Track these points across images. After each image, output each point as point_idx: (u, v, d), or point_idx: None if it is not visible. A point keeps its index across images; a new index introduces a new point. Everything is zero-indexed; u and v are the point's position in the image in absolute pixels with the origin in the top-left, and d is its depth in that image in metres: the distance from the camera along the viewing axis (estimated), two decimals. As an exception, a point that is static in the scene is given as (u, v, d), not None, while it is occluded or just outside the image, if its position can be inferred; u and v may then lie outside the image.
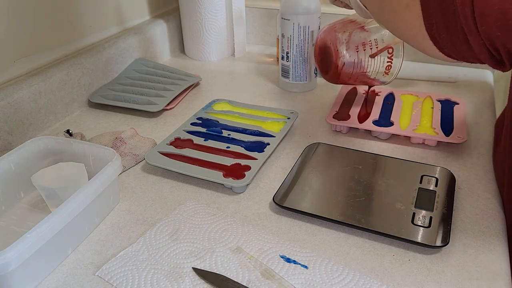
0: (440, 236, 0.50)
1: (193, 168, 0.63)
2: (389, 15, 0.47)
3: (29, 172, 0.58)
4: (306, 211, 0.55)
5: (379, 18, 0.52)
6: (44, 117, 0.77)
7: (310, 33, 0.84)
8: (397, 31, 0.48)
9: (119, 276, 0.48)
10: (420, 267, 0.48)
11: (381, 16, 0.51)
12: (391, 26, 0.49)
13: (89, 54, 0.86)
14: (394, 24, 0.48)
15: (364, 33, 0.74)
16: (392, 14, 0.46)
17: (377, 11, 0.51)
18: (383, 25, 0.51)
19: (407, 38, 0.47)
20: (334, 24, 0.77)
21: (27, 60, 0.76)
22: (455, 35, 0.39)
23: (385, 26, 0.51)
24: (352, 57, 0.74)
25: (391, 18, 0.47)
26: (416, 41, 0.45)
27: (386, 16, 0.48)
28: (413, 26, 0.43)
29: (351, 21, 0.76)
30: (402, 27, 0.46)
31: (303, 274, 0.47)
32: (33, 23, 0.76)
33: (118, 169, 0.56)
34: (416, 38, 0.44)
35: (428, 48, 0.44)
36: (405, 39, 0.47)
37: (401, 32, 0.47)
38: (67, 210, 0.48)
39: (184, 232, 0.53)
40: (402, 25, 0.45)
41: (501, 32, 0.35)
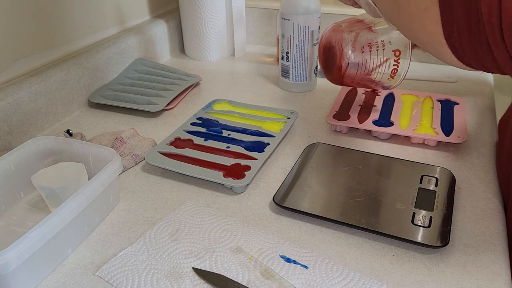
0: (440, 236, 0.50)
1: (193, 168, 0.63)
2: (404, 17, 0.44)
3: (29, 172, 0.57)
4: (306, 211, 0.55)
5: (391, 19, 0.49)
6: (44, 117, 0.77)
7: (310, 33, 0.84)
8: (412, 34, 0.45)
9: (119, 276, 0.48)
10: (420, 267, 0.48)
11: (394, 17, 0.47)
12: (405, 29, 0.46)
13: (89, 54, 0.86)
14: (409, 27, 0.44)
15: (372, 33, 0.71)
16: (408, 16, 0.43)
17: (390, 11, 0.48)
18: (395, 26, 0.48)
19: (422, 43, 0.44)
20: (340, 23, 0.74)
21: (27, 60, 0.76)
22: (478, 45, 0.36)
23: (397, 27, 0.48)
24: (357, 58, 0.71)
25: (406, 21, 0.44)
26: (432, 47, 0.42)
27: (401, 17, 0.45)
28: (430, 31, 0.40)
29: (359, 20, 0.73)
30: (418, 32, 0.43)
31: (303, 274, 0.47)
32: (33, 23, 0.76)
33: (118, 169, 0.56)
34: (433, 44, 0.41)
35: (445, 56, 0.41)
36: (420, 43, 0.45)
37: (416, 36, 0.44)
38: (67, 210, 0.48)
39: (184, 232, 0.53)
40: (419, 29, 0.42)
41: None
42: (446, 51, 0.40)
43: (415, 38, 0.45)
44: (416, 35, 0.44)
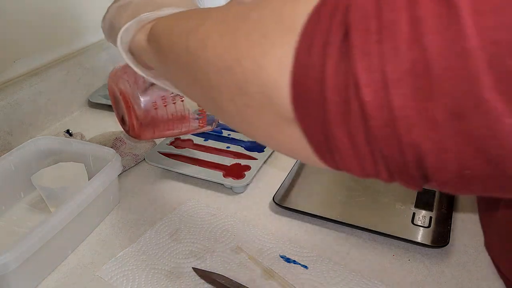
0: (440, 236, 0.50)
1: (193, 168, 0.63)
2: (236, 122, 0.32)
3: (29, 172, 0.57)
4: (306, 211, 0.54)
5: (218, 117, 0.37)
6: (44, 117, 0.77)
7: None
8: (264, 144, 0.34)
9: (119, 276, 0.48)
10: (420, 267, 0.48)
11: (213, 112, 0.35)
12: (240, 130, 0.34)
13: (89, 54, 0.86)
14: (247, 133, 0.33)
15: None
16: (245, 124, 0.32)
17: (199, 101, 0.37)
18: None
19: (277, 151, 0.33)
20: (123, 66, 0.55)
21: (27, 60, 0.76)
22: (370, 168, 0.27)
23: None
24: (149, 116, 0.52)
25: (241, 125, 0.33)
26: (300, 159, 0.31)
27: (227, 119, 0.33)
28: (291, 148, 0.30)
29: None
30: (273, 146, 0.32)
31: (303, 274, 0.47)
32: (33, 23, 0.76)
33: (118, 169, 0.56)
34: (300, 158, 0.30)
35: (318, 165, 0.30)
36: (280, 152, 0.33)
37: (272, 147, 0.32)
38: (67, 210, 0.48)
39: (184, 232, 0.53)
40: (269, 141, 0.32)
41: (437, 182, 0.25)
42: (318, 163, 0.30)
43: (268, 146, 0.34)
44: (268, 145, 0.33)
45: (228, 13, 0.31)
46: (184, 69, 0.35)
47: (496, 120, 0.20)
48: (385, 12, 0.22)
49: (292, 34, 0.25)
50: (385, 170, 0.26)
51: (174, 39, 0.35)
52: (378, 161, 0.25)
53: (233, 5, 0.32)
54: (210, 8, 0.36)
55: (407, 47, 0.21)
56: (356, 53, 0.22)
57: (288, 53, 0.25)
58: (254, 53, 0.27)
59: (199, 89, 0.34)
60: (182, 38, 0.34)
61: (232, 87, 0.29)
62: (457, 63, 0.20)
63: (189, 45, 0.33)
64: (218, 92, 0.31)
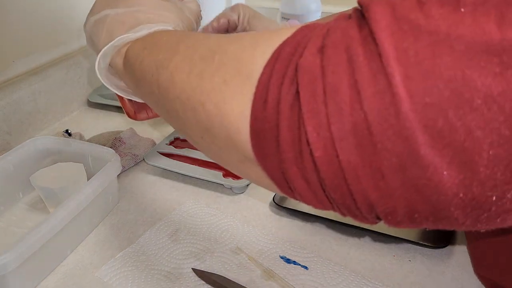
0: (440, 236, 0.50)
1: (192, 168, 0.62)
2: (206, 152, 0.35)
3: (28, 173, 0.57)
4: (306, 212, 0.54)
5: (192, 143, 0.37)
6: (43, 117, 0.76)
7: (310, 32, 0.84)
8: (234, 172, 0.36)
9: (119, 277, 0.47)
10: (421, 267, 0.48)
11: (194, 144, 0.36)
12: (219, 163, 0.35)
13: (88, 54, 0.85)
14: (225, 166, 0.35)
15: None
16: (215, 156, 0.34)
17: (174, 127, 0.39)
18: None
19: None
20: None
21: (26, 60, 0.76)
22: (328, 206, 0.28)
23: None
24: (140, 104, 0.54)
25: (212, 156, 0.34)
26: (260, 185, 0.33)
27: (199, 147, 0.35)
28: (259, 182, 0.31)
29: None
30: (242, 175, 0.34)
31: (303, 275, 0.47)
32: (32, 22, 0.75)
33: (117, 169, 0.56)
34: (267, 188, 0.32)
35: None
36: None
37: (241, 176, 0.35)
38: (66, 210, 0.48)
39: (183, 232, 0.53)
40: (241, 174, 0.34)
41: (389, 225, 0.26)
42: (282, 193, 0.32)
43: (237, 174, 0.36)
44: (237, 174, 0.35)
45: (196, 52, 0.32)
46: (157, 100, 0.36)
47: (434, 172, 0.22)
48: (328, 74, 0.23)
49: (249, 84, 0.27)
50: (341, 212, 0.28)
51: (146, 70, 0.36)
52: (333, 204, 0.27)
53: (202, 41, 0.33)
54: (180, 37, 0.37)
55: (349, 109, 0.23)
56: (306, 112, 0.24)
57: (247, 104, 0.27)
58: (216, 99, 0.29)
59: (173, 121, 0.36)
60: (153, 71, 0.35)
61: (200, 126, 0.31)
62: (394, 124, 0.22)
63: (160, 79, 0.34)
64: (189, 127, 0.33)
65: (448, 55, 0.21)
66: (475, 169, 0.21)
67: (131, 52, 0.40)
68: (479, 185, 0.22)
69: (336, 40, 0.24)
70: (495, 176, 0.21)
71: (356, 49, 0.23)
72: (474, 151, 0.21)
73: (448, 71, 0.21)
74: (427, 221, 0.25)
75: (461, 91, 0.20)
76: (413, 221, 0.25)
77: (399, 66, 0.21)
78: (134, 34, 0.41)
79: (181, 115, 0.33)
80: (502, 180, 0.21)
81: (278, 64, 0.26)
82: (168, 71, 0.33)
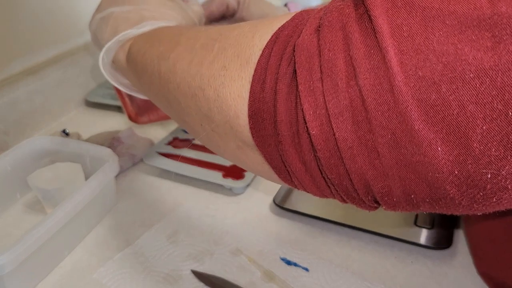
0: (443, 237, 0.49)
1: (191, 169, 0.62)
2: (205, 142, 0.35)
3: (25, 173, 0.57)
4: (307, 213, 0.54)
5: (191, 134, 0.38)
6: (40, 116, 0.76)
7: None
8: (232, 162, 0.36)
9: (117, 279, 0.47)
10: (423, 269, 0.48)
11: (187, 130, 0.37)
12: (218, 154, 0.36)
13: (87, 53, 0.85)
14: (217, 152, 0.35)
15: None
16: (213, 145, 0.34)
17: (174, 120, 0.39)
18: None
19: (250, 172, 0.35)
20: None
21: (23, 59, 0.75)
22: (325, 190, 0.29)
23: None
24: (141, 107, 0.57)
25: (210, 146, 0.35)
26: (265, 178, 0.34)
27: (198, 137, 0.35)
28: (258, 170, 0.32)
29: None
30: (240, 165, 0.34)
31: (304, 277, 0.47)
32: (29, 21, 0.75)
33: (115, 170, 0.55)
34: (265, 177, 0.33)
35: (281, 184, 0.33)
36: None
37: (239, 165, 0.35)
38: (63, 211, 0.47)
39: (182, 234, 0.53)
40: (239, 163, 0.34)
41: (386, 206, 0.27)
42: (280, 182, 0.32)
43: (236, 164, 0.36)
44: (235, 163, 0.35)
45: (197, 41, 0.33)
46: (158, 91, 0.37)
47: (429, 148, 0.22)
48: (325, 52, 0.24)
49: (248, 67, 0.28)
50: (338, 195, 0.28)
51: (148, 62, 0.37)
52: (331, 188, 0.27)
53: (203, 32, 0.34)
54: (181, 30, 0.38)
55: (345, 85, 0.23)
56: (303, 90, 0.25)
57: (245, 86, 0.28)
58: (216, 84, 0.29)
59: (173, 112, 0.36)
60: (154, 62, 0.36)
61: (199, 113, 0.32)
62: (388, 99, 0.22)
63: (161, 70, 0.35)
64: (189, 115, 0.33)
65: (440, 29, 0.21)
66: (469, 145, 0.21)
67: (134, 47, 0.41)
68: (474, 161, 0.22)
69: (332, 19, 0.24)
70: (489, 152, 0.21)
71: (352, 27, 0.23)
72: (467, 126, 0.21)
73: (440, 45, 0.21)
74: (424, 203, 0.25)
75: (453, 65, 0.21)
76: (409, 203, 0.25)
77: (393, 41, 0.22)
78: (138, 30, 0.42)
79: (182, 104, 0.33)
80: (496, 156, 0.21)
81: (277, 45, 0.27)
82: (170, 62, 0.34)
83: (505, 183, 0.22)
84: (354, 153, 0.24)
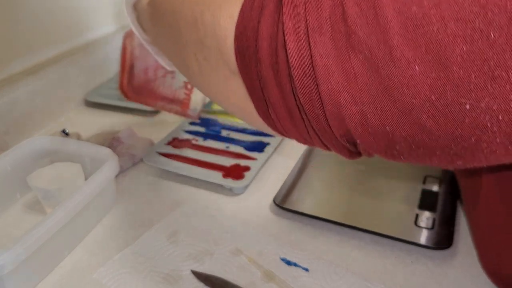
0: (443, 237, 0.49)
1: (191, 169, 0.62)
2: (198, 80, 0.35)
3: (25, 173, 0.57)
4: (307, 213, 0.54)
5: (181, 72, 0.40)
6: (40, 116, 0.76)
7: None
8: (215, 101, 0.36)
9: (117, 279, 0.47)
10: (423, 269, 0.47)
11: (183, 72, 0.38)
12: (203, 91, 0.37)
13: (86, 53, 0.85)
14: (208, 93, 0.36)
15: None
16: (205, 81, 0.34)
17: (175, 62, 0.39)
18: (190, 83, 0.39)
19: (232, 113, 0.35)
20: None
21: (23, 59, 0.75)
22: (303, 131, 0.29)
23: (193, 85, 0.38)
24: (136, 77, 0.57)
25: (202, 84, 0.35)
26: (245, 120, 0.34)
27: (192, 78, 0.36)
28: (239, 106, 0.32)
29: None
30: (224, 103, 0.34)
31: (304, 277, 0.46)
32: (28, 21, 0.75)
33: (115, 170, 0.55)
34: (245, 118, 0.33)
35: (265, 130, 0.33)
36: (228, 112, 0.36)
37: (222, 105, 0.36)
38: (63, 211, 0.47)
39: (182, 234, 0.53)
40: (223, 100, 0.34)
41: (360, 140, 0.26)
42: (264, 127, 0.32)
43: (220, 105, 0.36)
44: (222, 104, 0.35)
45: None
46: (166, 27, 0.37)
47: (407, 67, 0.22)
48: None
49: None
50: (313, 130, 0.28)
51: (166, 0, 0.38)
52: (305, 119, 0.27)
53: None
54: None
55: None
56: (286, 4, 0.25)
57: (238, 7, 0.28)
58: (214, 7, 0.30)
59: (174, 47, 0.37)
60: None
61: (196, 41, 0.32)
62: (368, 11, 0.22)
63: (173, 2, 0.36)
64: (186, 48, 0.34)
65: None
66: (449, 67, 0.21)
67: None
68: (453, 88, 0.21)
69: None
70: (469, 79, 0.21)
71: None
72: (447, 46, 0.21)
73: None
74: (400, 139, 0.24)
75: None
76: (385, 137, 0.25)
77: None
78: None
79: (182, 32, 0.34)
80: (476, 85, 0.21)
81: None
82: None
83: (484, 119, 0.21)
84: (329, 71, 0.24)
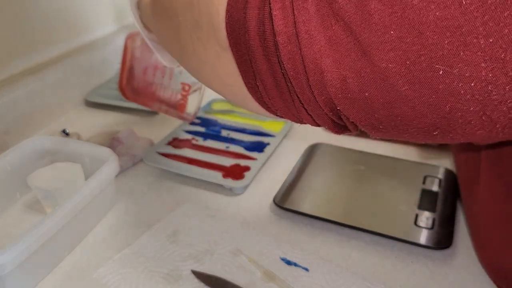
0: (443, 237, 0.49)
1: (191, 169, 0.62)
2: (194, 62, 0.36)
3: (25, 173, 0.56)
4: (307, 213, 0.54)
5: (178, 60, 0.40)
6: (40, 116, 0.76)
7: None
8: (208, 84, 0.36)
9: (116, 279, 0.47)
10: (423, 269, 0.47)
11: (181, 58, 0.39)
12: (198, 75, 0.37)
13: (86, 53, 0.85)
14: (202, 76, 0.36)
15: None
16: (199, 62, 0.35)
17: (173, 50, 0.40)
18: (187, 70, 0.40)
19: (224, 94, 0.35)
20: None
21: (23, 60, 0.75)
22: (290, 102, 0.30)
23: (189, 72, 0.39)
24: (136, 77, 0.59)
25: (196, 66, 0.36)
26: (236, 100, 0.34)
27: (188, 61, 0.37)
28: (230, 84, 0.32)
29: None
30: (214, 83, 0.35)
31: (304, 277, 0.46)
32: (28, 21, 0.75)
33: (115, 170, 0.55)
34: (236, 97, 0.34)
35: (256, 109, 0.34)
36: (221, 94, 0.36)
37: (214, 87, 0.36)
38: (63, 211, 0.47)
39: (182, 234, 0.53)
40: (215, 80, 0.34)
41: (342, 107, 0.27)
42: (255, 105, 0.33)
43: (213, 88, 0.36)
44: (213, 86, 0.36)
45: None
46: (165, 12, 0.38)
47: (383, 32, 0.23)
48: None
49: None
50: (298, 101, 0.29)
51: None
52: (290, 87, 0.28)
53: None
54: None
55: None
56: None
57: None
58: None
59: (172, 32, 0.37)
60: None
61: (191, 22, 0.33)
62: None
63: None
64: (182, 30, 0.34)
65: None
66: (423, 33, 0.22)
67: None
68: (427, 53, 0.22)
69: None
70: (443, 45, 0.22)
71: None
72: (421, 11, 0.22)
73: None
74: (379, 107, 0.25)
75: None
76: (366, 105, 0.26)
77: None
78: None
79: (179, 14, 0.34)
80: (449, 51, 0.22)
81: None
82: None
83: (457, 86, 0.22)
84: (312, 38, 0.25)
